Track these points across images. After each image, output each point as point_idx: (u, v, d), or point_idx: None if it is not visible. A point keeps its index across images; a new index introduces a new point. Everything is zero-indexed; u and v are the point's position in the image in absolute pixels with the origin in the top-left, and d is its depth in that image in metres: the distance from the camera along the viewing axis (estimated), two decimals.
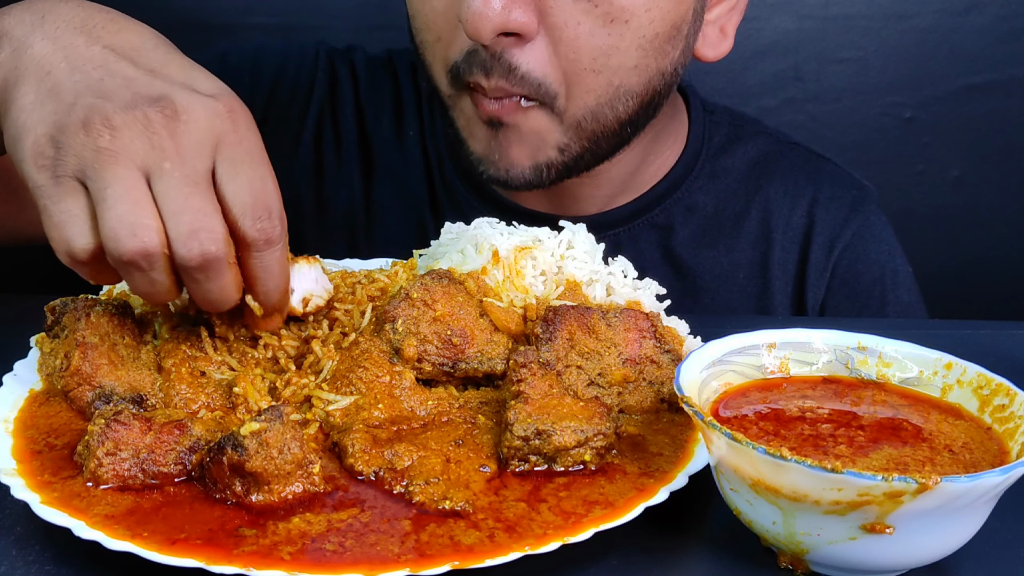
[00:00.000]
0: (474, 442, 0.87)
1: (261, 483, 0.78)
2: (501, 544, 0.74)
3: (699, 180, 1.48)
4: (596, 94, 1.22)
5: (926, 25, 2.10)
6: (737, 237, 1.48)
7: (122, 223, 0.79)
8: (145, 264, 0.81)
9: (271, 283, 0.89)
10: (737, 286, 1.47)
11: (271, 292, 0.90)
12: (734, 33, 1.37)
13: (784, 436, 0.78)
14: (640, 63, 1.22)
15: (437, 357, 0.95)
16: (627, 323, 0.97)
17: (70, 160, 0.80)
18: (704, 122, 1.51)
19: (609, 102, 1.23)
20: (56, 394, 0.93)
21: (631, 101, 1.25)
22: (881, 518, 0.68)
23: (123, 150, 0.80)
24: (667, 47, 1.24)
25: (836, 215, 1.48)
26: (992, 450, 0.77)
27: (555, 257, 1.07)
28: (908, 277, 1.51)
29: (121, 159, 0.80)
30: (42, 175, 0.81)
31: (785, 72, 2.13)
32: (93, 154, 0.80)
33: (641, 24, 1.19)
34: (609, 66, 1.20)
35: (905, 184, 2.20)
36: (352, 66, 1.56)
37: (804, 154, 1.55)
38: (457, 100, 1.27)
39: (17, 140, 0.84)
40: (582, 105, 1.22)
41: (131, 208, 0.79)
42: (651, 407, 0.95)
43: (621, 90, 1.23)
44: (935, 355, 0.86)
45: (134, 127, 0.81)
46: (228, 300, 0.87)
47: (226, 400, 0.92)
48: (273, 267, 0.88)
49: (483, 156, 1.29)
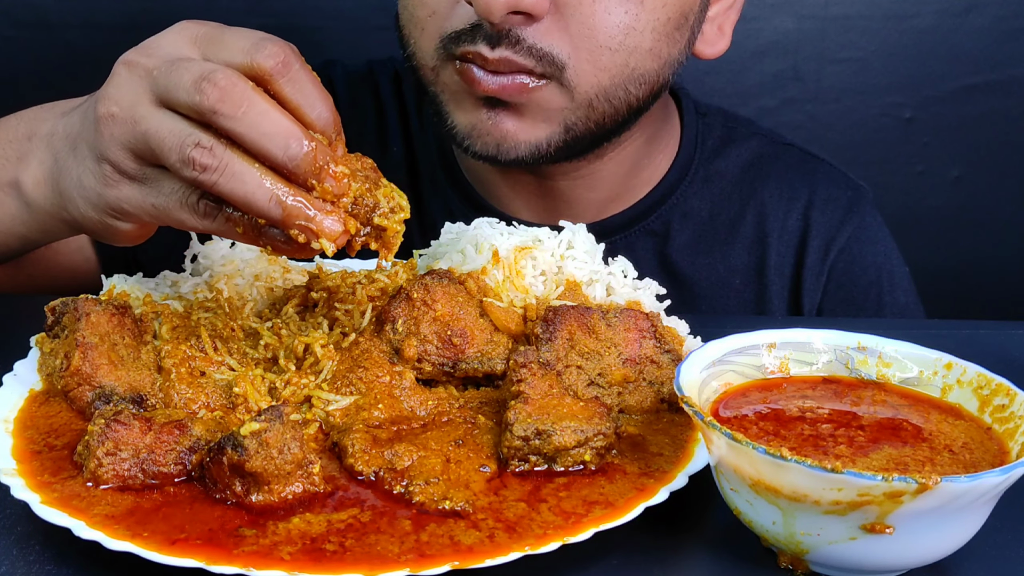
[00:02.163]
0: (474, 442, 0.87)
1: (261, 483, 0.78)
2: (501, 544, 0.74)
3: (694, 185, 1.47)
4: (611, 73, 1.20)
5: (926, 25, 2.10)
6: (733, 242, 1.47)
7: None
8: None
9: (313, 100, 0.85)
10: (734, 292, 1.46)
11: (320, 112, 0.85)
12: (731, 32, 1.37)
13: (784, 436, 0.78)
14: (655, 47, 1.22)
15: (437, 357, 0.95)
16: (627, 323, 0.97)
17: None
18: (697, 125, 1.50)
19: (623, 84, 1.22)
20: (56, 394, 0.93)
21: (643, 86, 1.25)
22: (881, 518, 0.68)
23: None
24: (676, 35, 1.25)
25: (831, 217, 1.47)
26: (992, 450, 0.77)
27: (555, 257, 1.07)
28: (905, 278, 1.51)
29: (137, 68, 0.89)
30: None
31: (785, 72, 2.13)
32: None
33: (655, 6, 1.19)
34: (626, 46, 1.19)
35: (905, 184, 2.20)
36: (331, 84, 1.53)
37: (798, 155, 1.54)
38: (441, 71, 1.23)
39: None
40: (596, 83, 1.20)
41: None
42: (651, 407, 0.95)
43: (636, 72, 1.22)
44: (935, 355, 0.86)
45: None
46: (283, 128, 0.82)
47: (226, 400, 0.92)
48: (305, 84, 0.85)
49: (470, 129, 1.24)
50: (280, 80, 0.85)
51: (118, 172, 0.90)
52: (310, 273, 1.12)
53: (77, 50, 2.02)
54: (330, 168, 0.84)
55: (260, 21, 2.06)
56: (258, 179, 0.83)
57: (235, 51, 0.86)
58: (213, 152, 0.83)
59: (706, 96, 1.58)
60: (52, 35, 2.02)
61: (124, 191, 0.90)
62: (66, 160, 0.95)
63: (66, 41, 2.02)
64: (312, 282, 1.08)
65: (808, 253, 1.46)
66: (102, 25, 2.01)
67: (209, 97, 0.82)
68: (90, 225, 0.96)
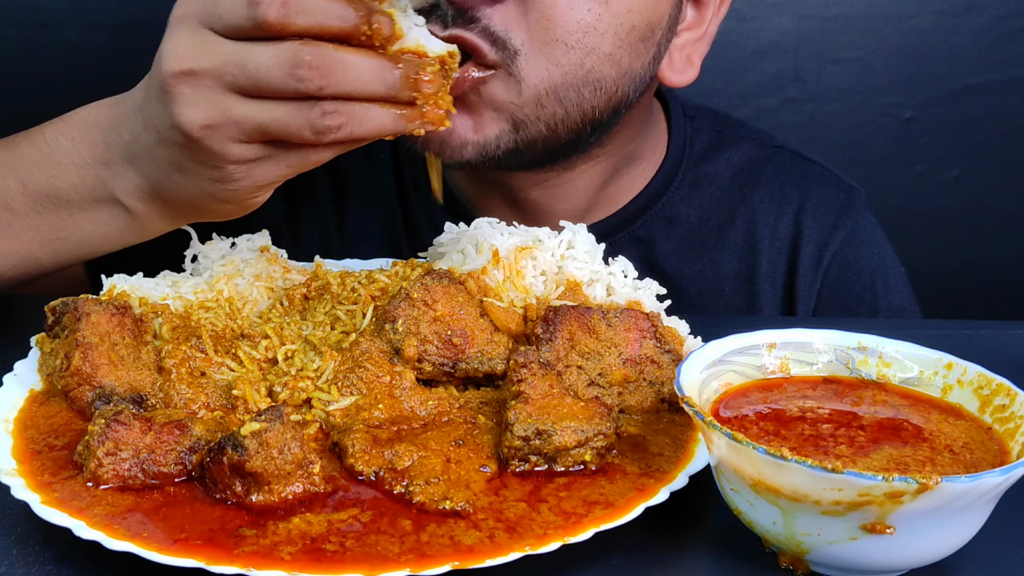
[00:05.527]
0: (474, 442, 0.87)
1: (261, 483, 0.78)
2: (501, 544, 0.74)
3: (680, 191, 1.45)
4: (564, 70, 1.17)
5: (926, 25, 2.10)
6: (722, 249, 1.45)
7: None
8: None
9: (323, 7, 0.89)
10: (724, 299, 1.44)
11: (339, 11, 0.89)
12: (700, 63, 1.33)
13: (784, 436, 0.78)
14: (615, 52, 1.19)
15: (437, 357, 0.95)
16: (627, 323, 0.97)
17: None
18: (685, 129, 1.48)
19: (576, 84, 1.19)
20: (56, 394, 0.93)
21: (599, 93, 1.21)
22: (881, 518, 0.68)
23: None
24: (640, 46, 1.22)
25: (824, 222, 1.45)
26: (992, 450, 0.77)
27: (555, 257, 1.07)
28: (900, 279, 1.49)
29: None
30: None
31: (785, 72, 2.12)
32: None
33: (620, 10, 1.17)
34: (584, 44, 1.16)
35: (904, 184, 2.20)
36: None
37: (790, 158, 1.52)
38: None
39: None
40: (547, 78, 1.17)
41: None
42: (651, 407, 0.95)
43: (592, 76, 1.19)
44: (935, 355, 0.86)
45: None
46: (374, 69, 0.90)
47: (226, 400, 0.92)
48: (305, 2, 0.88)
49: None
50: (291, 19, 0.88)
51: (243, 164, 0.94)
52: (310, 273, 1.12)
53: (77, 50, 2.02)
54: (422, 75, 0.93)
55: None
56: (379, 110, 0.92)
57: (237, 19, 0.89)
58: (339, 112, 0.90)
59: (706, 96, 1.57)
60: (52, 35, 2.02)
61: (258, 172, 0.95)
62: (172, 179, 0.98)
63: (66, 41, 2.02)
64: (312, 282, 1.08)
65: (801, 259, 1.43)
66: (102, 25, 2.01)
67: (312, 80, 0.88)
68: (227, 214, 1.02)
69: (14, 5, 2.00)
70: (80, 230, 1.06)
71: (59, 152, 1.04)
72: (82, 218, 1.05)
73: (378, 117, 0.92)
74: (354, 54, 0.90)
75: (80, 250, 1.08)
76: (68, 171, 1.04)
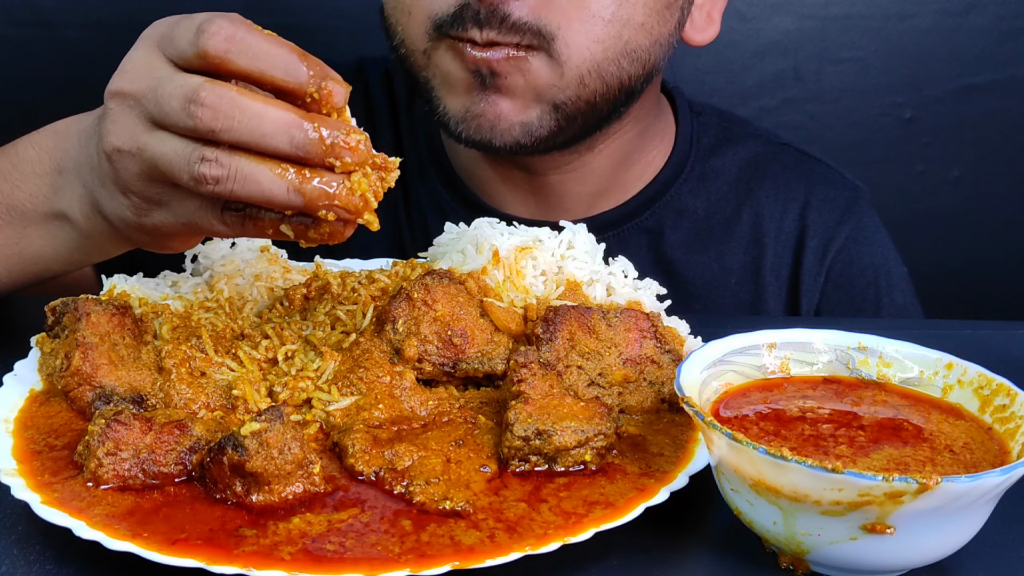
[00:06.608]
0: (474, 442, 0.87)
1: (261, 483, 0.78)
2: (501, 544, 0.74)
3: (689, 183, 1.47)
4: (604, 45, 1.20)
5: (926, 25, 2.10)
6: (728, 242, 1.46)
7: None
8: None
9: (273, 58, 0.82)
10: (729, 291, 1.46)
11: (286, 65, 0.82)
12: (720, 19, 1.37)
13: (785, 436, 0.78)
14: (646, 21, 1.22)
15: (438, 357, 0.95)
16: (627, 323, 0.97)
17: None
18: (692, 123, 1.50)
19: (616, 58, 1.21)
20: (56, 394, 0.93)
21: (636, 63, 1.24)
22: (882, 518, 0.68)
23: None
24: (666, 13, 1.25)
25: (829, 218, 1.46)
26: (993, 450, 0.77)
27: (555, 257, 1.07)
28: (902, 279, 1.50)
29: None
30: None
31: (785, 72, 2.12)
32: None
33: None
34: (619, 16, 1.19)
35: (905, 184, 2.20)
36: None
37: (795, 156, 1.53)
38: (433, 53, 1.22)
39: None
40: (588, 56, 1.19)
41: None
42: (652, 407, 0.95)
43: (629, 46, 1.22)
44: (936, 355, 0.86)
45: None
46: (281, 122, 0.81)
47: (226, 400, 0.91)
48: (258, 47, 0.82)
49: (462, 114, 1.23)
50: (232, 57, 0.82)
51: (144, 200, 0.90)
52: (310, 273, 1.12)
53: (77, 50, 2.02)
54: (343, 141, 0.82)
55: (260, 21, 2.06)
56: (270, 175, 0.82)
57: (184, 46, 0.84)
58: (220, 162, 0.82)
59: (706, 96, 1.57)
60: (52, 35, 2.02)
61: (156, 216, 0.91)
62: (100, 194, 0.95)
63: (66, 41, 2.02)
64: (312, 282, 1.08)
65: (805, 254, 1.45)
66: (102, 25, 2.01)
67: (202, 119, 0.81)
68: (143, 243, 0.98)
69: (14, 4, 2.00)
70: (32, 245, 1.03)
71: (24, 162, 1.03)
72: (33, 231, 1.02)
73: (266, 180, 0.82)
74: (261, 101, 0.81)
75: (34, 266, 1.05)
76: (29, 180, 1.02)
